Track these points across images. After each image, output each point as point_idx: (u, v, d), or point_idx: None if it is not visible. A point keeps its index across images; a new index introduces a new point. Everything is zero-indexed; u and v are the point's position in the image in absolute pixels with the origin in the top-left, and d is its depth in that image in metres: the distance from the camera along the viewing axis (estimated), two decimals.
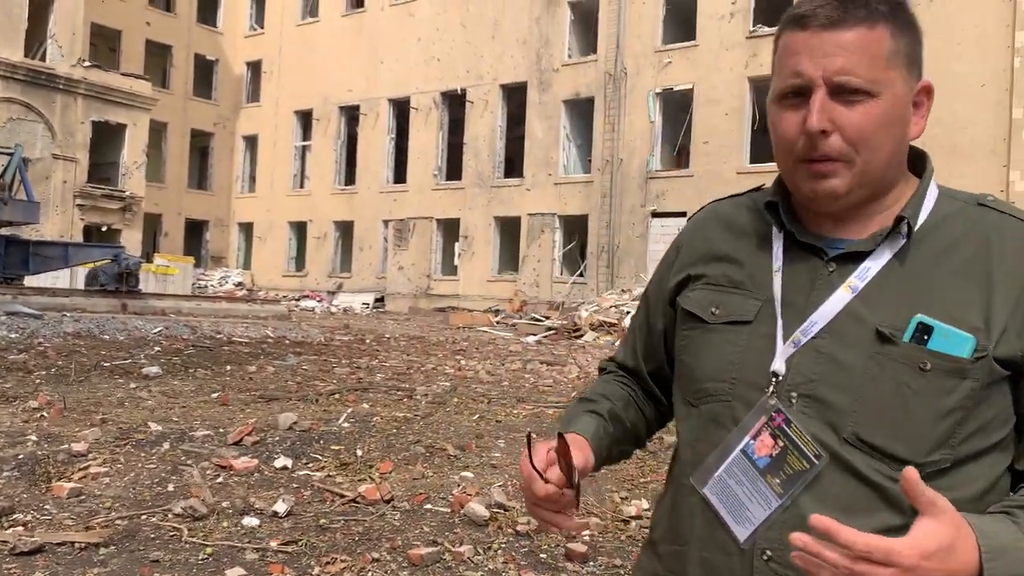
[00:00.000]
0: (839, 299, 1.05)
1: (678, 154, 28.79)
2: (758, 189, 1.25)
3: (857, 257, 1.07)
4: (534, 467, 1.09)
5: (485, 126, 32.70)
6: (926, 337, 1.00)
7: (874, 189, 1.07)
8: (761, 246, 1.15)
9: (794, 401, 1.04)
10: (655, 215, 28.07)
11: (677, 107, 28.34)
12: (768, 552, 1.03)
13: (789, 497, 1.02)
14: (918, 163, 1.13)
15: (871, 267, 1.05)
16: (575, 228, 30.50)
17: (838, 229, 1.10)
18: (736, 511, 1.06)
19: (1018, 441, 1.04)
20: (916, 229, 1.06)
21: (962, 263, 1.04)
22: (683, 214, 27.11)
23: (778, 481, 1.03)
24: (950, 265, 1.04)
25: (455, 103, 34.16)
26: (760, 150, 26.62)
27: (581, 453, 1.14)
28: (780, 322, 1.08)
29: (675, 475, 1.18)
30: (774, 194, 1.16)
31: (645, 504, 4.86)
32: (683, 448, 1.17)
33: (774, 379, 1.05)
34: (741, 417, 1.07)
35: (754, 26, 26.51)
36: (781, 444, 1.03)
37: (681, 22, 28.24)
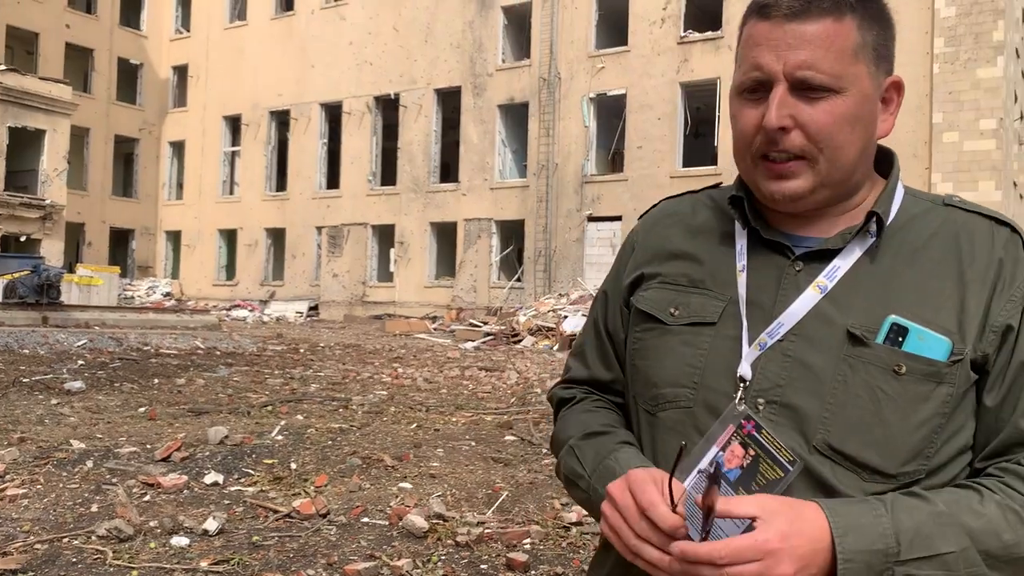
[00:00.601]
0: (807, 299, 0.99)
1: (613, 159, 29.08)
2: (715, 187, 1.19)
3: (825, 255, 1.01)
4: (671, 490, 0.90)
5: (420, 131, 32.52)
6: (900, 339, 0.95)
7: (839, 190, 1.02)
8: (723, 243, 1.09)
9: (761, 407, 0.98)
10: (591, 219, 28.29)
11: (611, 112, 28.63)
12: None
13: None
14: (884, 162, 1.09)
15: (840, 266, 1.00)
16: (512, 233, 30.54)
17: (804, 227, 1.05)
18: None
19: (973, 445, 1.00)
20: (885, 229, 1.01)
21: (933, 264, 0.99)
22: (619, 218, 27.39)
23: (750, 493, 0.95)
24: (921, 266, 1.00)
25: (389, 108, 33.90)
26: (693, 154, 27.07)
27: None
28: (745, 324, 1.01)
29: None
30: (738, 190, 1.10)
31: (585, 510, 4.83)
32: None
33: (741, 384, 0.99)
34: (704, 424, 1.00)
35: (685, 31, 26.95)
36: (752, 453, 0.96)
37: (613, 27, 28.56)
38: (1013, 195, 27.30)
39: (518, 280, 29.82)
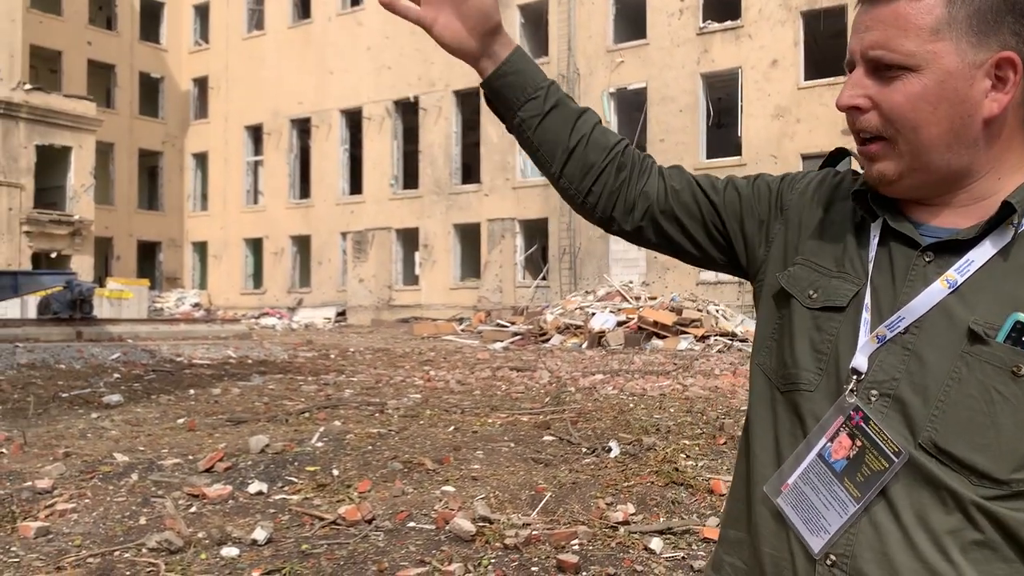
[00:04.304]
0: (933, 293, 0.95)
1: None
2: None
3: (958, 248, 0.96)
4: None
5: (440, 133, 32.56)
6: None
7: (937, 176, 0.98)
8: (861, 228, 1.06)
9: (873, 400, 0.96)
10: None
11: (631, 106, 28.49)
12: (832, 557, 0.95)
13: (867, 500, 0.94)
14: None
15: (975, 260, 0.94)
16: (536, 232, 30.49)
17: (936, 216, 1.00)
18: (811, 520, 0.98)
19: None
20: (1022, 220, 0.94)
21: None
22: None
23: (855, 484, 0.95)
24: None
25: (408, 111, 33.98)
26: (716, 145, 26.86)
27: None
28: (866, 315, 0.99)
29: (746, 474, 1.09)
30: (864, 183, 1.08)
31: (632, 508, 4.79)
32: (760, 441, 1.07)
33: (854, 376, 0.97)
34: (820, 411, 0.99)
35: (704, 22, 26.75)
36: (859, 444, 0.95)
37: (631, 21, 28.42)
38: None
39: (544, 279, 29.77)
